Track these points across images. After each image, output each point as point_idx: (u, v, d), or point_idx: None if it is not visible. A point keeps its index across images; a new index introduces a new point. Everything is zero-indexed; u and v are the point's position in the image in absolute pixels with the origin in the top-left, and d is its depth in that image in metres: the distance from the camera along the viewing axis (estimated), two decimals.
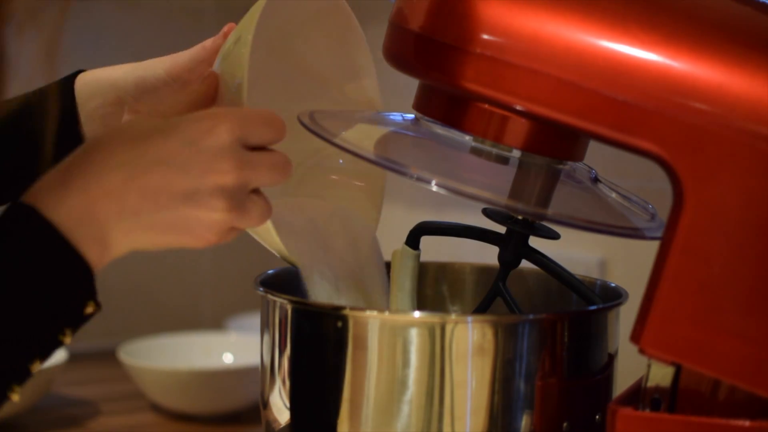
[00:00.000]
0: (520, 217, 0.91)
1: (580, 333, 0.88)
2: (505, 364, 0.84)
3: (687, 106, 0.75)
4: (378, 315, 0.86)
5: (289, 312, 0.89)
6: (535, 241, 0.93)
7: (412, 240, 0.98)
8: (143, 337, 1.43)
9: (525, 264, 0.95)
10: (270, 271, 0.98)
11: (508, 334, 0.84)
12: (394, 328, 0.84)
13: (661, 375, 0.77)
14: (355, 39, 0.96)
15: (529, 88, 0.78)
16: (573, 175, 0.87)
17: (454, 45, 0.79)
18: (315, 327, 0.87)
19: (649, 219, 0.89)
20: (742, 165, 0.74)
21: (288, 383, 0.89)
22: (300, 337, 0.88)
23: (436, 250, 1.08)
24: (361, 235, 0.97)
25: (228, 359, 1.45)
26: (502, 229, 0.93)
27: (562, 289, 1.00)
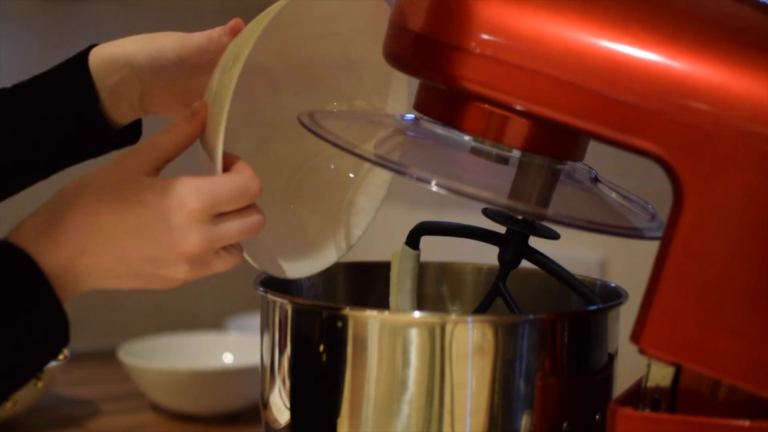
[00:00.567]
0: (520, 217, 0.91)
1: (580, 333, 0.88)
2: (505, 364, 0.84)
3: (687, 106, 0.75)
4: (378, 315, 0.86)
5: (289, 312, 0.89)
6: (535, 241, 0.93)
7: (412, 240, 0.98)
8: (143, 337, 1.43)
9: (525, 264, 0.95)
10: None
11: (508, 334, 0.84)
12: (394, 328, 0.84)
13: (661, 375, 0.77)
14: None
15: (529, 88, 0.78)
16: (573, 175, 0.87)
17: (453, 45, 0.79)
18: (315, 327, 0.87)
19: (649, 219, 0.89)
20: (742, 165, 0.74)
21: (288, 383, 0.89)
22: (300, 337, 0.88)
23: (436, 250, 1.08)
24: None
25: (228, 359, 1.45)
26: (502, 229, 0.94)
27: (562, 289, 1.00)
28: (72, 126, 0.94)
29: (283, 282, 0.96)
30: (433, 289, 1.07)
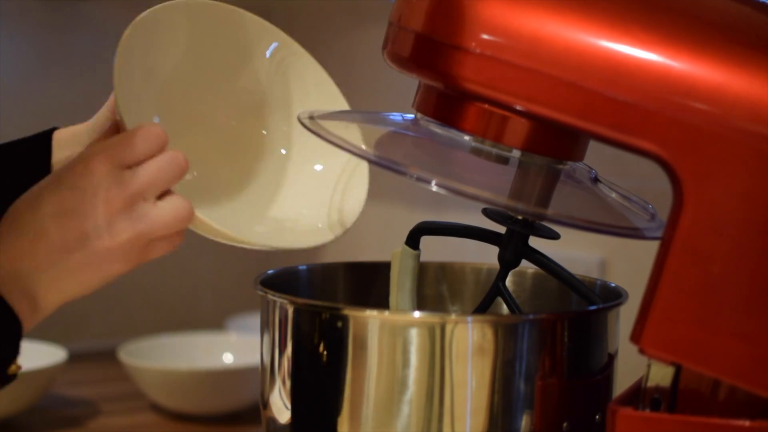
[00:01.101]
0: (520, 217, 0.91)
1: (580, 333, 0.88)
2: (505, 364, 0.84)
3: (687, 106, 0.75)
4: (378, 315, 0.86)
5: (289, 312, 0.89)
6: (535, 241, 0.93)
7: (412, 240, 0.98)
8: (143, 337, 1.43)
9: (525, 264, 0.95)
10: (270, 271, 0.98)
11: (508, 334, 0.84)
12: (394, 328, 0.84)
13: (661, 375, 0.77)
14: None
15: (529, 88, 0.78)
16: (573, 175, 0.87)
17: (453, 45, 0.79)
18: (315, 327, 0.87)
19: (649, 219, 0.89)
20: (742, 165, 0.74)
21: (288, 383, 0.89)
22: (300, 337, 0.88)
23: (436, 250, 1.08)
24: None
25: (228, 359, 1.45)
26: (502, 229, 0.94)
27: (562, 289, 1.00)
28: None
29: (283, 282, 0.96)
30: (433, 289, 1.07)
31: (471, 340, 0.84)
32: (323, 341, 0.86)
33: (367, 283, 1.05)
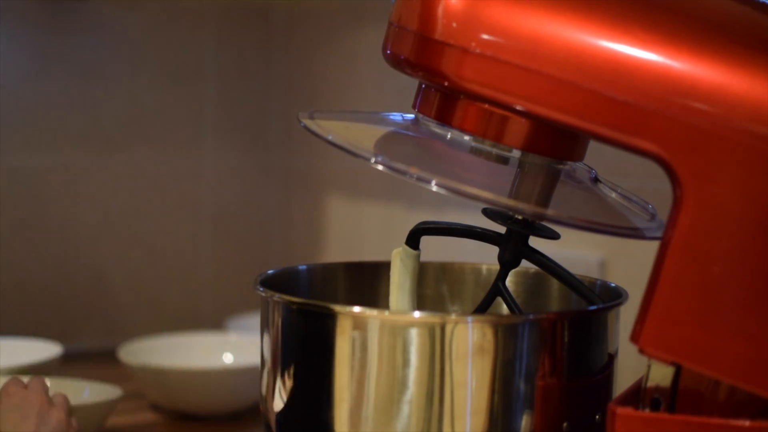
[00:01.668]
0: (520, 217, 0.91)
1: (580, 333, 0.88)
2: (505, 364, 0.84)
3: (687, 106, 0.75)
4: (378, 315, 0.86)
5: (289, 312, 0.89)
6: (535, 241, 0.93)
7: (412, 240, 0.98)
8: (143, 337, 1.43)
9: (525, 264, 0.95)
10: (270, 271, 0.98)
11: (508, 334, 0.84)
12: (394, 328, 0.84)
13: (661, 375, 0.77)
14: None
15: (529, 88, 0.78)
16: (573, 175, 0.87)
17: (453, 45, 0.79)
18: (315, 327, 0.87)
19: (649, 219, 0.89)
20: (742, 165, 0.74)
21: (288, 383, 0.89)
22: (300, 337, 0.88)
23: (436, 250, 1.08)
24: None
25: (228, 359, 1.45)
26: (502, 229, 0.94)
27: (562, 289, 1.00)
28: None
29: (283, 282, 0.96)
30: (433, 289, 1.07)
31: (471, 340, 0.84)
32: (323, 341, 0.86)
33: (367, 283, 1.05)
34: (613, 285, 0.97)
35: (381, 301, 1.03)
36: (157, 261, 1.69)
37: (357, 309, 0.86)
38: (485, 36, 0.78)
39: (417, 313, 0.89)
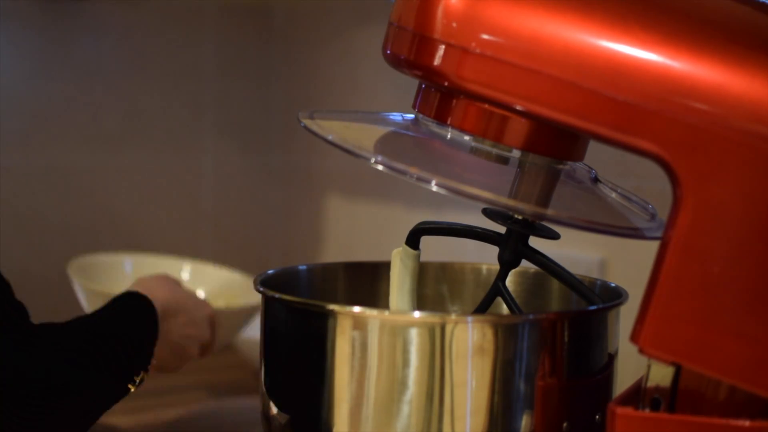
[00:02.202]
0: (520, 217, 0.91)
1: (580, 333, 0.88)
2: (505, 364, 0.84)
3: (687, 106, 0.75)
4: (378, 315, 0.86)
5: (289, 312, 0.89)
6: (535, 241, 0.93)
7: (412, 240, 0.98)
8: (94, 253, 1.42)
9: (525, 264, 0.95)
10: (270, 271, 0.98)
11: (508, 334, 0.84)
12: (394, 328, 0.84)
13: (661, 375, 0.77)
14: None
15: (529, 88, 0.78)
16: (573, 175, 0.87)
17: (453, 45, 0.79)
18: (315, 327, 0.87)
19: (649, 219, 0.89)
20: (742, 165, 0.74)
21: (288, 383, 0.89)
22: (300, 336, 0.88)
23: (436, 250, 1.08)
24: None
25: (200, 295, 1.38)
26: (502, 229, 0.94)
27: (562, 289, 1.00)
28: None
29: (283, 282, 0.96)
30: (433, 289, 1.07)
31: (471, 340, 0.84)
32: (323, 341, 0.86)
33: (367, 283, 1.05)
34: (613, 285, 0.97)
35: (381, 301, 1.03)
36: None
37: (357, 309, 0.86)
38: (485, 36, 0.78)
39: (417, 313, 0.89)
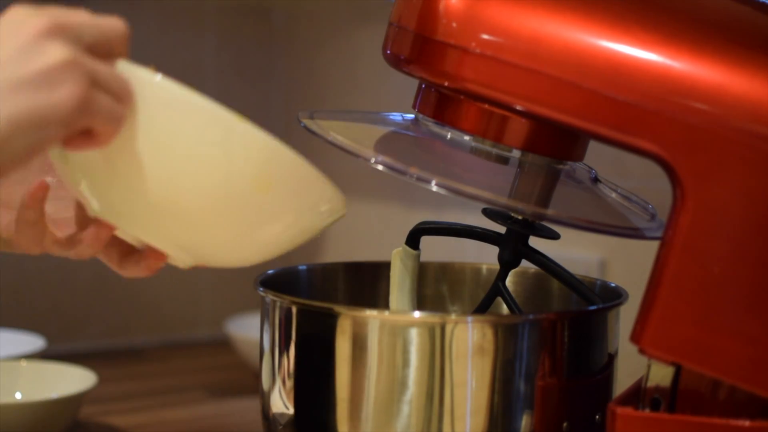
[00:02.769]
0: (520, 217, 0.91)
1: (580, 333, 0.88)
2: (505, 364, 0.84)
3: (687, 106, 0.75)
4: (378, 315, 0.86)
5: (289, 312, 0.89)
6: (535, 241, 0.93)
7: (412, 240, 0.98)
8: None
9: (525, 264, 0.95)
10: (270, 271, 0.98)
11: (508, 334, 0.84)
12: (394, 328, 0.84)
13: (661, 375, 0.77)
14: None
15: (529, 88, 0.78)
16: (573, 175, 0.87)
17: (453, 45, 0.79)
18: (315, 327, 0.87)
19: (649, 219, 0.89)
20: (742, 165, 0.74)
21: (288, 383, 0.89)
22: (300, 337, 0.88)
23: (436, 250, 1.08)
24: None
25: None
26: (502, 229, 0.94)
27: (562, 289, 1.00)
28: None
29: (283, 282, 0.96)
30: (433, 289, 1.07)
31: (471, 340, 0.84)
32: (323, 341, 0.86)
33: (367, 283, 1.05)
34: (613, 285, 0.97)
35: (381, 301, 1.03)
36: None
37: (357, 309, 0.86)
38: (485, 36, 0.78)
39: (417, 313, 0.89)
